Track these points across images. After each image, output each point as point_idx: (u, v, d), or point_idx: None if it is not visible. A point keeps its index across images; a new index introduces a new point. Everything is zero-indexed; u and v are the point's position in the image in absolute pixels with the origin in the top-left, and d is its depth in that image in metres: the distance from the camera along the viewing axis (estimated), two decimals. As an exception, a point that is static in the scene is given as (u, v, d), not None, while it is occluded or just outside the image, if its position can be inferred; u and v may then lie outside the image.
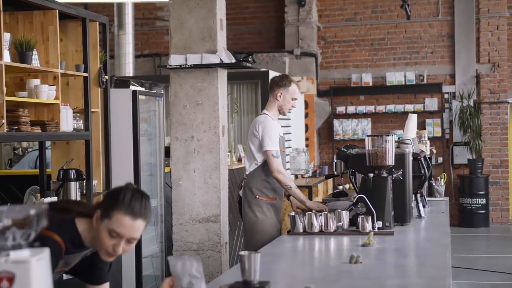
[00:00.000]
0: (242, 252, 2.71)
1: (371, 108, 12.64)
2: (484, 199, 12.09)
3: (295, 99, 5.24)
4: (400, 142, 5.11)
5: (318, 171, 10.77)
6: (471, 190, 12.10)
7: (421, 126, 12.17)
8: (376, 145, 4.36)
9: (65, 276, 4.60)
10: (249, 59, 6.12)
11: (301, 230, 4.24)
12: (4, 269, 1.68)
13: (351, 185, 11.85)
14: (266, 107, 5.32)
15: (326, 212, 4.28)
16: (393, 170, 4.46)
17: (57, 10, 5.09)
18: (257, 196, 5.12)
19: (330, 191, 10.78)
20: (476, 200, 12.07)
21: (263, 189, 5.12)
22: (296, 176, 10.35)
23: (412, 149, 5.03)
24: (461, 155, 12.42)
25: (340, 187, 12.10)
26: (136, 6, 12.36)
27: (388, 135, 4.39)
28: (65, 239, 2.60)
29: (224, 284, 2.76)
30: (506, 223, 12.41)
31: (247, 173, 5.24)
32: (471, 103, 12.22)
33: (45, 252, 1.75)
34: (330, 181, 11.16)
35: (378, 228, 4.22)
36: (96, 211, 2.62)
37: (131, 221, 2.54)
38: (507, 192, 12.49)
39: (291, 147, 10.37)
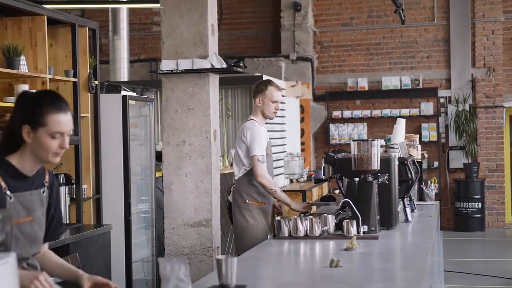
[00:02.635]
0: (219, 256, 2.74)
1: (367, 113, 12.66)
2: (480, 203, 12.10)
3: (275, 101, 5.29)
4: (387, 147, 5.12)
5: (313, 175, 10.78)
6: (466, 194, 12.10)
7: (417, 130, 12.19)
8: (361, 150, 4.38)
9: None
10: (240, 64, 6.14)
11: (286, 234, 4.25)
12: (-32, 273, 1.70)
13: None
14: (252, 113, 5.44)
15: (311, 217, 4.30)
16: (379, 174, 4.47)
17: (46, 16, 5.12)
18: (247, 201, 5.18)
19: (325, 196, 10.78)
20: (471, 204, 12.08)
21: (253, 194, 5.18)
22: (291, 181, 10.37)
23: (399, 153, 5.04)
24: (457, 159, 12.43)
25: (337, 192, 12.11)
26: (133, 11, 12.40)
27: (374, 140, 4.40)
28: (1, 174, 2.65)
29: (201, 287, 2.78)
30: (502, 227, 12.41)
31: (236, 178, 5.32)
32: (467, 108, 12.23)
33: (11, 257, 1.77)
34: (325, 185, 11.17)
35: (364, 232, 4.23)
36: (23, 128, 2.67)
37: (64, 115, 2.70)
38: (503, 196, 12.49)
39: (286, 151, 10.39)
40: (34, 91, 2.78)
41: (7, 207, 2.62)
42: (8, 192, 2.65)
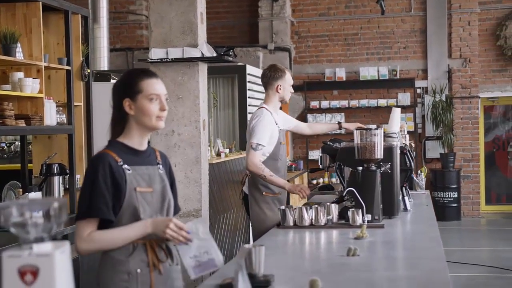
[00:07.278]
0: (247, 245, 2.70)
1: (344, 103, 12.70)
2: (456, 192, 12.24)
3: (291, 84, 5.28)
4: (386, 136, 5.13)
5: (293, 165, 10.80)
6: (443, 184, 12.24)
7: (394, 120, 12.25)
8: (364, 139, 4.38)
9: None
10: (230, 53, 6.11)
11: (291, 224, 4.24)
12: (28, 262, 1.65)
13: (331, 179, 11.86)
14: (265, 101, 5.26)
15: (316, 206, 4.29)
16: (381, 163, 4.47)
17: (40, 2, 5.02)
18: (264, 193, 5.07)
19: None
20: (448, 194, 12.21)
21: (269, 185, 5.06)
22: (272, 171, 10.35)
23: (399, 142, 5.05)
24: (434, 149, 12.55)
25: (314, 182, 12.16)
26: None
27: (377, 129, 4.40)
28: (113, 150, 2.80)
29: (228, 277, 2.74)
30: (477, 216, 12.58)
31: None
32: (443, 98, 12.34)
33: (67, 245, 1.73)
34: (305, 175, 11.21)
35: (368, 221, 4.24)
36: (124, 102, 2.80)
37: (155, 79, 2.84)
38: (478, 186, 12.66)
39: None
40: (128, 70, 2.94)
41: (127, 178, 2.75)
42: (125, 166, 2.77)
